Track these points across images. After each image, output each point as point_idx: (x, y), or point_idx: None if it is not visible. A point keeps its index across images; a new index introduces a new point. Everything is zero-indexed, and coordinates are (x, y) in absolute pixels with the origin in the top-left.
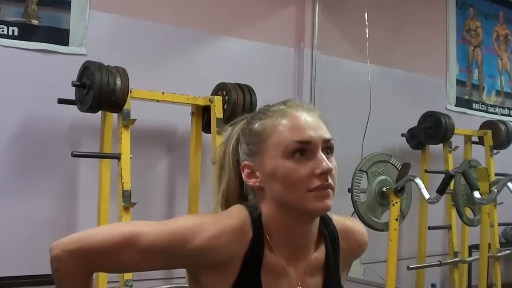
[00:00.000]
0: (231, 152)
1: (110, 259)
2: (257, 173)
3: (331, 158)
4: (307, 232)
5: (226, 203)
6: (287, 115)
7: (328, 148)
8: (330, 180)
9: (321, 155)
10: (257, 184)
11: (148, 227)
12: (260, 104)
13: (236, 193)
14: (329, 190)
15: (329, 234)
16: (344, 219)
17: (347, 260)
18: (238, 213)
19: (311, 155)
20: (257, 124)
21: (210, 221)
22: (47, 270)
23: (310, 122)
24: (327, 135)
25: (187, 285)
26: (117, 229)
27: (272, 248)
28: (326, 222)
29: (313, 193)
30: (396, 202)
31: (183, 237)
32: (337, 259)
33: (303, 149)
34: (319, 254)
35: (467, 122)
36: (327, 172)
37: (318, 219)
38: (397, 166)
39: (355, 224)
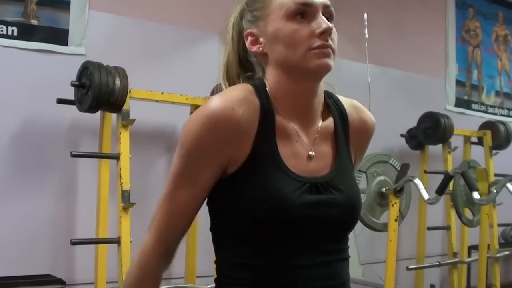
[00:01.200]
0: (232, 26)
1: (179, 217)
2: (261, 39)
3: (331, 24)
4: (311, 95)
5: (227, 76)
6: None
7: (328, 13)
8: (330, 41)
9: (322, 17)
10: (260, 49)
11: (173, 168)
12: None
13: (235, 65)
14: (329, 49)
15: (334, 105)
16: (349, 99)
17: (359, 138)
18: (239, 86)
19: (311, 18)
20: None
21: (216, 100)
22: (47, 271)
23: None
24: (327, 1)
25: (186, 285)
26: (161, 203)
27: (281, 114)
28: (329, 95)
29: (314, 51)
30: (395, 203)
31: (209, 127)
32: (347, 131)
33: (304, 11)
34: (327, 123)
35: (466, 122)
36: (327, 31)
37: (322, 90)
38: (396, 167)
39: (362, 105)
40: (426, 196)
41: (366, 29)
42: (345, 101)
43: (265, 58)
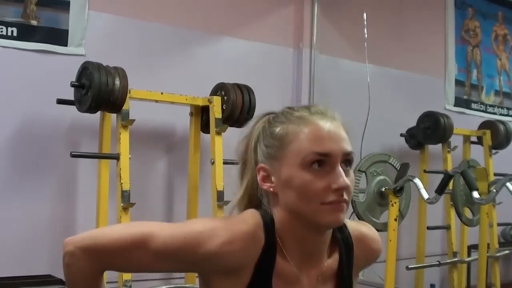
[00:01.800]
0: (252, 150)
1: (122, 259)
2: (273, 178)
3: (349, 172)
4: (319, 241)
5: (249, 201)
6: (310, 123)
7: (347, 160)
8: (345, 196)
9: (340, 169)
10: (271, 189)
11: (161, 229)
12: (258, 104)
13: (256, 193)
14: (343, 204)
15: (343, 241)
16: (358, 225)
17: (359, 267)
18: (251, 218)
19: (329, 168)
20: (278, 128)
21: (223, 226)
22: (47, 271)
23: (332, 133)
24: (348, 147)
25: (186, 285)
26: (131, 229)
27: (285, 254)
28: (340, 228)
29: (327, 206)
30: (395, 202)
31: (195, 242)
32: (351, 266)
33: (322, 160)
34: (332, 261)
35: (466, 122)
36: (343, 189)
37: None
38: (396, 166)
39: (370, 231)
40: (425, 195)
41: (366, 29)
42: (353, 231)
43: (276, 198)
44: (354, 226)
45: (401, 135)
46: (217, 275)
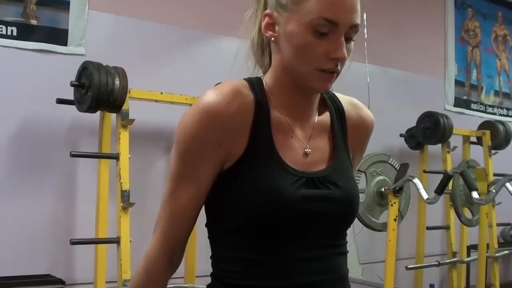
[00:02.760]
0: None
1: (179, 216)
2: (277, 28)
3: (351, 43)
4: (306, 100)
5: (253, 52)
6: None
7: (352, 32)
8: (339, 66)
9: (342, 40)
10: (272, 38)
11: (170, 175)
12: None
13: (258, 44)
14: (335, 74)
15: (330, 100)
16: (348, 96)
17: (357, 135)
18: (233, 81)
19: (332, 35)
20: None
21: (210, 94)
22: (46, 270)
23: (347, 3)
24: (356, 20)
25: (186, 285)
26: (162, 204)
27: (276, 109)
28: (330, 96)
29: (319, 72)
30: (395, 202)
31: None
32: (344, 127)
33: (328, 26)
34: (323, 118)
35: (465, 122)
36: (340, 59)
37: None
38: (396, 166)
39: (360, 103)
40: (425, 195)
41: (366, 29)
42: (343, 98)
43: (275, 46)
44: (344, 96)
45: (401, 135)
46: (232, 140)
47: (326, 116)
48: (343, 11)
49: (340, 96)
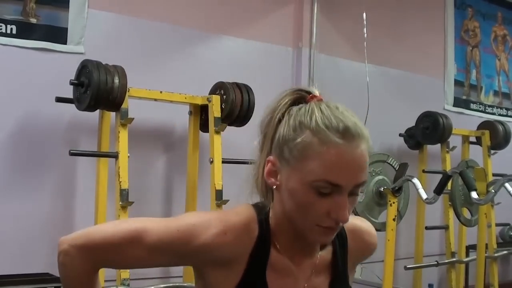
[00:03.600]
0: (274, 126)
1: (116, 255)
2: (279, 176)
3: (355, 198)
4: (308, 242)
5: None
6: (335, 146)
7: (358, 189)
8: (341, 224)
9: (345, 201)
10: (274, 186)
11: (154, 224)
12: (257, 103)
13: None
14: (336, 230)
15: (336, 233)
16: (352, 218)
17: (355, 261)
18: (244, 211)
19: (336, 194)
20: (304, 135)
21: (216, 218)
22: (45, 269)
23: (352, 164)
24: (362, 178)
25: (185, 284)
26: (124, 225)
27: (278, 247)
28: None
29: (320, 228)
30: (394, 202)
31: (189, 234)
32: (345, 259)
33: (331, 188)
34: (325, 254)
35: (465, 122)
36: (341, 222)
37: None
38: (395, 166)
39: (364, 224)
40: (424, 195)
41: (365, 29)
42: (347, 224)
43: (277, 194)
44: (349, 220)
45: (400, 135)
46: (212, 267)
47: (327, 252)
48: (347, 175)
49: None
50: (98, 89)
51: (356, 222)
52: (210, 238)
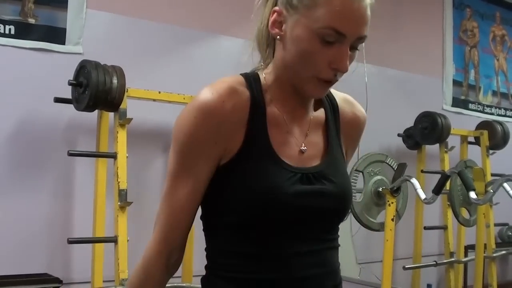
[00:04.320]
0: None
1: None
2: (283, 26)
3: (355, 52)
4: (302, 99)
5: (258, 44)
6: None
7: (358, 42)
8: (338, 76)
9: (346, 51)
10: (278, 36)
11: (169, 177)
12: None
13: (264, 36)
14: (333, 83)
15: (326, 97)
16: (342, 93)
17: (350, 132)
18: (229, 77)
19: (338, 45)
20: None
21: (206, 92)
22: (43, 269)
23: (357, 15)
24: (364, 32)
25: (183, 284)
26: (161, 203)
27: (273, 104)
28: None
29: (317, 80)
30: (392, 202)
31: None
32: (338, 124)
33: (335, 38)
34: (318, 114)
35: (463, 122)
36: (341, 71)
37: None
38: (393, 166)
39: (353, 99)
40: (423, 195)
41: None
42: (337, 94)
43: (279, 44)
44: (338, 92)
45: (399, 135)
46: (228, 139)
47: (321, 113)
48: (352, 23)
49: (334, 92)
50: (96, 90)
51: (346, 95)
52: (215, 107)
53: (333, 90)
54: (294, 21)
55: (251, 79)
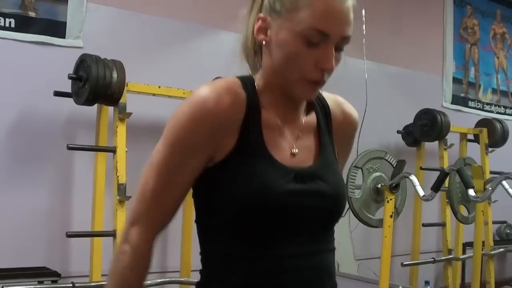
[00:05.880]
0: None
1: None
2: (269, 32)
3: (340, 54)
4: (293, 103)
5: (245, 52)
6: None
7: (343, 43)
8: (325, 77)
9: (331, 51)
10: (263, 42)
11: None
12: None
13: (251, 43)
14: (321, 85)
15: (317, 101)
16: (332, 94)
17: (343, 133)
18: (227, 78)
19: (323, 45)
20: None
21: (204, 89)
22: (42, 263)
23: (340, 15)
24: (348, 33)
25: (181, 279)
26: (143, 193)
27: (267, 109)
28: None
29: (305, 82)
30: (391, 199)
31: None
32: (330, 126)
33: (319, 37)
34: (310, 118)
35: (462, 119)
36: (328, 71)
37: None
38: (392, 163)
39: (344, 99)
40: (421, 192)
41: (364, 25)
42: (328, 96)
43: (266, 50)
44: (329, 94)
45: (398, 132)
46: (223, 137)
47: (312, 116)
48: (335, 24)
49: (325, 94)
50: (96, 84)
51: (337, 96)
52: (213, 105)
53: (324, 93)
54: (278, 26)
55: (247, 82)
